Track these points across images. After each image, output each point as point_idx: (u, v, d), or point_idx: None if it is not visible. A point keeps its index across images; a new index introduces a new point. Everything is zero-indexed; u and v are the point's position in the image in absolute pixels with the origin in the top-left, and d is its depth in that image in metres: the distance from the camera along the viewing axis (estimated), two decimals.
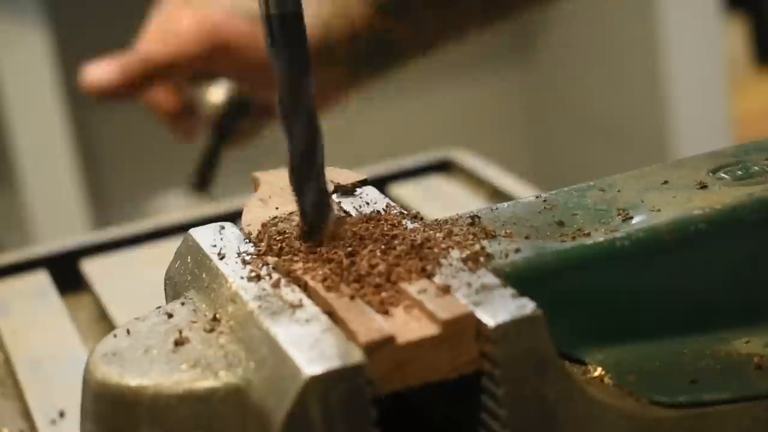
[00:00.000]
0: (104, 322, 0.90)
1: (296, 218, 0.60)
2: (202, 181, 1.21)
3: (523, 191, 0.97)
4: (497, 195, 0.98)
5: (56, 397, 0.78)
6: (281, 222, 0.60)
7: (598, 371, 0.55)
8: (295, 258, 0.56)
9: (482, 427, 0.52)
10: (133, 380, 0.52)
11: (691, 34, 2.08)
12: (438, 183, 1.04)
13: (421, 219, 0.60)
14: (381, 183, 1.02)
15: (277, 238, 0.58)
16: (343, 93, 1.17)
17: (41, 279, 0.95)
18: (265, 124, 1.20)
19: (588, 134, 2.29)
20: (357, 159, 1.21)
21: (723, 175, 0.60)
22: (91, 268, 0.96)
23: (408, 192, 1.01)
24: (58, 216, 1.98)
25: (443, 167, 1.05)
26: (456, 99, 2.43)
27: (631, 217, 0.58)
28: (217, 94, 1.15)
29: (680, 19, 2.07)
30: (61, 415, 0.75)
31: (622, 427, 0.52)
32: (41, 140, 2.05)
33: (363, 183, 0.63)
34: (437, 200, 1.00)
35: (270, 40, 0.55)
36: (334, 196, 0.62)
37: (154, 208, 1.24)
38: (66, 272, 0.96)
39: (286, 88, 0.56)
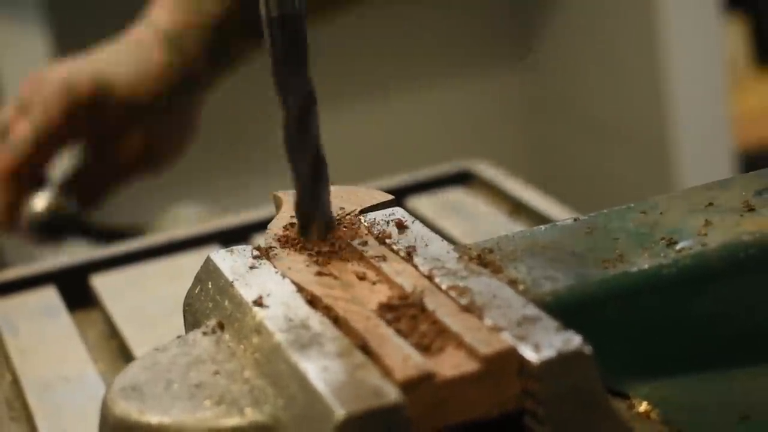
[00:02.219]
0: (114, 340, 0.87)
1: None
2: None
3: (545, 205, 0.94)
4: (519, 209, 0.96)
5: (66, 420, 0.75)
6: (303, 243, 0.57)
7: (644, 406, 0.52)
8: (324, 284, 0.54)
9: None
10: (153, 417, 0.49)
11: (691, 34, 2.07)
12: (457, 196, 1.01)
13: (451, 242, 0.57)
14: (398, 195, 0.99)
15: (303, 262, 0.55)
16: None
17: (50, 295, 0.92)
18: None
19: (587, 134, 2.27)
20: (362, 165, 1.19)
21: None
22: (101, 283, 0.93)
23: (426, 205, 0.99)
24: None
25: (462, 179, 1.02)
26: (456, 101, 2.41)
27: (676, 242, 0.55)
28: (40, 201, 1.15)
29: (680, 19, 2.06)
30: None
31: None
32: None
33: (390, 203, 0.61)
34: (457, 214, 0.97)
35: (270, 42, 0.55)
36: (361, 217, 0.59)
37: (163, 222, 1.21)
38: (75, 288, 0.93)
39: (285, 89, 0.55)
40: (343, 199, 0.61)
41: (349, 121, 2.29)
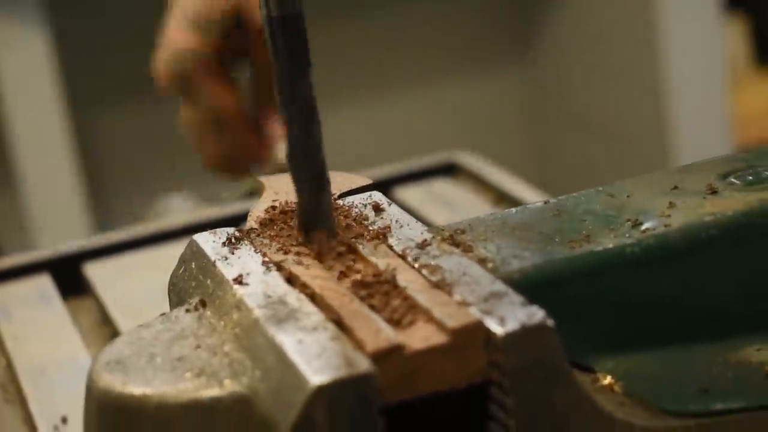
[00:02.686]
0: (107, 327, 0.89)
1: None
2: None
3: (529, 195, 0.96)
4: (503, 199, 0.98)
5: (59, 402, 0.77)
6: (285, 226, 0.59)
7: (608, 379, 0.54)
8: (302, 263, 0.56)
9: None
10: (136, 389, 0.51)
11: (691, 34, 2.07)
12: (443, 186, 1.03)
13: (425, 225, 0.59)
14: (386, 186, 1.01)
15: (282, 243, 0.58)
16: None
17: (44, 283, 0.94)
18: None
19: (587, 134, 2.28)
20: (358, 161, 1.21)
21: (733, 180, 0.60)
22: (94, 271, 0.95)
23: (413, 195, 1.01)
24: (59, 218, 1.98)
25: (448, 170, 1.05)
26: (456, 99, 2.42)
27: (641, 224, 0.57)
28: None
29: (680, 19, 2.06)
30: (64, 421, 0.74)
31: None
32: (41, 142, 2.04)
33: (369, 187, 0.63)
34: (442, 204, 0.99)
35: (271, 41, 0.55)
36: (339, 201, 0.61)
37: (156, 211, 1.23)
38: (68, 276, 0.95)
39: (286, 90, 0.56)
40: None
41: (348, 120, 2.31)
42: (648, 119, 2.15)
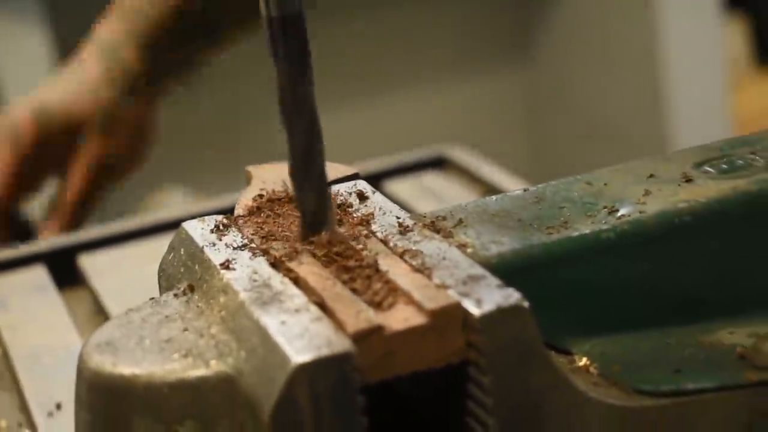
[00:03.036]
0: (101, 317, 0.90)
1: (286, 208, 0.61)
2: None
3: (516, 187, 0.98)
4: (492, 191, 0.99)
5: (53, 389, 0.79)
6: (272, 213, 0.61)
7: (584, 361, 0.56)
8: (286, 249, 0.57)
9: (469, 416, 0.53)
10: (126, 369, 0.53)
11: (691, 34, 2.08)
12: (433, 179, 1.04)
13: (407, 212, 0.61)
14: (376, 179, 1.03)
15: (268, 230, 0.59)
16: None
17: (40, 273, 0.96)
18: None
19: (588, 134, 2.29)
20: (357, 158, 1.22)
21: (708, 168, 0.61)
22: (89, 263, 0.97)
23: (403, 188, 1.02)
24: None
25: (438, 164, 1.06)
26: (456, 98, 2.43)
27: (617, 210, 0.59)
28: None
29: (680, 19, 2.07)
30: (58, 407, 0.76)
31: (607, 416, 0.53)
32: None
33: (354, 177, 0.64)
34: (432, 196, 1.01)
35: (271, 42, 0.55)
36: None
37: (151, 204, 1.25)
38: (64, 267, 0.97)
39: (287, 90, 0.56)
40: None
41: (348, 118, 2.32)
42: (647, 119, 2.16)
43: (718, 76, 2.12)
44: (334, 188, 0.63)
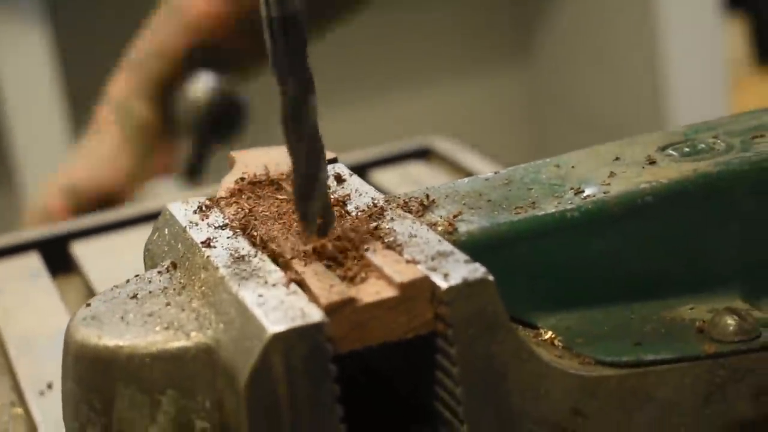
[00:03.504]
0: None
1: (266, 190, 0.63)
2: (192, 170, 1.24)
3: None
4: None
5: (45, 370, 0.81)
6: (252, 195, 0.64)
7: (549, 334, 0.58)
8: (265, 227, 0.60)
9: (437, 385, 0.55)
10: (110, 341, 0.55)
11: (691, 34, 2.09)
12: (418, 169, 1.07)
13: (381, 194, 0.63)
14: (362, 169, 1.05)
15: (249, 210, 0.62)
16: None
17: (33, 261, 0.99)
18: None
19: (587, 134, 2.31)
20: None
21: (671, 152, 0.64)
22: (81, 250, 0.99)
23: (388, 177, 1.05)
24: None
25: (423, 154, 1.09)
26: (456, 97, 2.45)
27: (583, 191, 0.61)
28: (199, 89, 1.16)
29: (680, 19, 2.08)
30: (49, 386, 0.78)
31: (568, 385, 0.55)
32: (41, 140, 2.07)
33: (333, 161, 0.67)
34: (415, 185, 1.03)
35: (271, 42, 0.56)
36: None
37: (146, 195, 1.28)
38: (57, 254, 1.00)
39: (287, 90, 0.56)
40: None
41: (348, 119, 2.34)
42: (648, 119, 2.17)
43: (718, 76, 2.13)
44: None
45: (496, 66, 2.47)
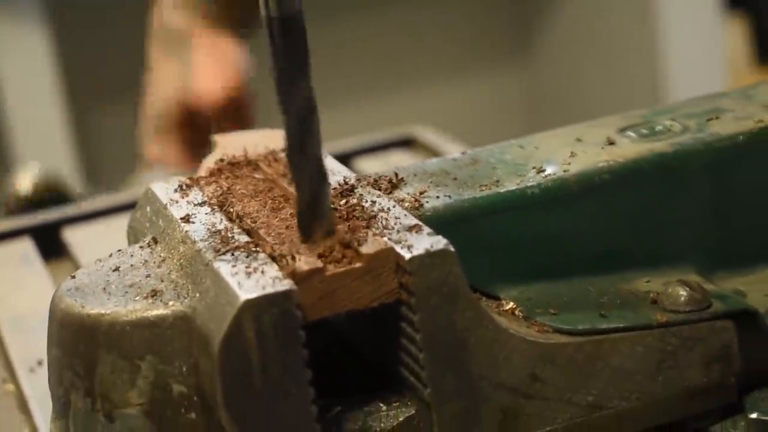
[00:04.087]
0: None
1: (244, 170, 0.66)
2: None
3: None
4: None
5: (35, 349, 0.84)
6: (231, 175, 0.67)
7: (511, 305, 0.61)
8: (242, 203, 0.63)
9: (402, 352, 0.58)
10: (92, 309, 0.58)
11: (691, 34, 2.10)
12: (400, 158, 1.10)
13: (353, 173, 0.66)
14: (346, 158, 1.08)
15: (227, 188, 0.65)
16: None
17: (26, 246, 1.02)
18: None
19: None
20: None
21: (630, 133, 0.67)
22: (72, 236, 1.03)
23: (371, 166, 1.08)
24: None
25: (407, 143, 1.12)
26: (456, 97, 2.47)
27: (544, 170, 0.64)
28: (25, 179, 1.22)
29: (680, 19, 2.09)
30: (39, 363, 0.82)
31: (527, 351, 0.58)
32: (41, 140, 2.09)
33: None
34: None
35: (270, 42, 0.56)
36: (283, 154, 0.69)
37: (132, 182, 1.31)
38: (49, 240, 1.03)
39: (285, 90, 0.56)
40: (269, 140, 0.71)
41: (347, 119, 2.37)
42: None
43: (718, 75, 2.14)
44: None
45: (496, 65, 2.49)
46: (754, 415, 0.59)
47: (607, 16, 2.22)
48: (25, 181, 1.23)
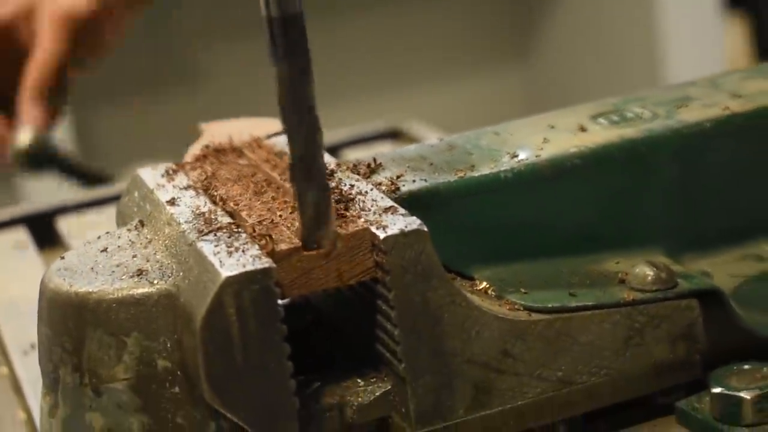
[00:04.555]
0: None
1: (229, 157, 0.69)
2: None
3: None
4: None
5: (29, 332, 0.86)
6: (216, 161, 0.69)
7: (484, 285, 0.64)
8: (227, 188, 0.65)
9: (378, 328, 0.60)
10: (80, 288, 0.61)
11: (691, 34, 2.11)
12: (387, 149, 1.12)
13: (334, 158, 0.68)
14: (333, 150, 1.11)
15: (211, 173, 0.67)
16: None
17: (21, 234, 1.04)
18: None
19: None
20: None
21: (602, 120, 0.69)
22: (66, 225, 1.05)
23: (358, 156, 1.10)
24: None
25: (393, 135, 1.14)
26: (455, 97, 2.48)
27: (518, 155, 0.66)
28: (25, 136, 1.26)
29: (680, 19, 2.10)
30: (32, 347, 0.84)
31: (499, 328, 0.60)
32: None
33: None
34: None
35: (270, 42, 0.56)
36: (268, 140, 0.71)
37: (125, 175, 1.33)
38: (43, 229, 1.05)
39: (286, 90, 0.57)
40: (254, 128, 0.73)
41: (348, 118, 2.38)
42: None
43: None
44: (275, 139, 0.71)
45: (496, 65, 2.49)
46: (717, 390, 0.61)
47: (607, 16, 2.23)
48: (24, 137, 1.26)
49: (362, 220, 0.60)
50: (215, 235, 0.61)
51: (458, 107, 2.47)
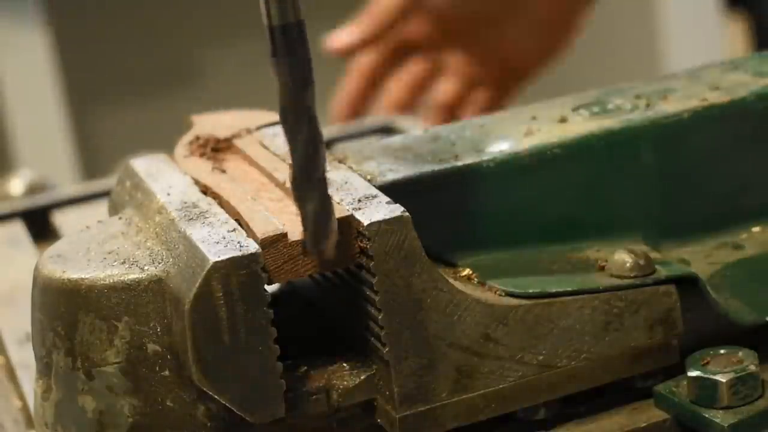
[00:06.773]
0: None
1: (220, 146, 0.71)
2: None
3: None
4: None
5: (24, 322, 0.87)
6: (206, 151, 0.71)
7: (467, 271, 0.65)
8: (216, 178, 0.67)
9: (363, 314, 0.62)
10: (72, 274, 0.62)
11: (691, 34, 2.12)
12: None
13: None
14: (328, 144, 1.12)
15: (202, 164, 0.69)
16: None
17: (16, 229, 1.06)
18: None
19: None
20: None
21: (582, 111, 0.71)
22: (61, 219, 1.07)
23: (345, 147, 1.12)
24: None
25: (385, 131, 1.16)
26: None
27: (501, 145, 0.68)
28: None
29: (680, 19, 2.11)
30: (27, 337, 0.85)
31: (480, 313, 0.62)
32: (41, 140, 2.11)
33: (276, 123, 0.74)
34: None
35: (272, 51, 0.56)
36: (258, 131, 0.73)
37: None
38: (39, 223, 1.07)
39: (288, 99, 0.57)
40: (243, 120, 0.75)
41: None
42: None
43: None
44: (263, 130, 0.73)
45: None
46: (694, 374, 0.62)
47: (607, 17, 2.24)
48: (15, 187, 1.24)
49: (347, 207, 0.62)
50: (204, 222, 0.62)
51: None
